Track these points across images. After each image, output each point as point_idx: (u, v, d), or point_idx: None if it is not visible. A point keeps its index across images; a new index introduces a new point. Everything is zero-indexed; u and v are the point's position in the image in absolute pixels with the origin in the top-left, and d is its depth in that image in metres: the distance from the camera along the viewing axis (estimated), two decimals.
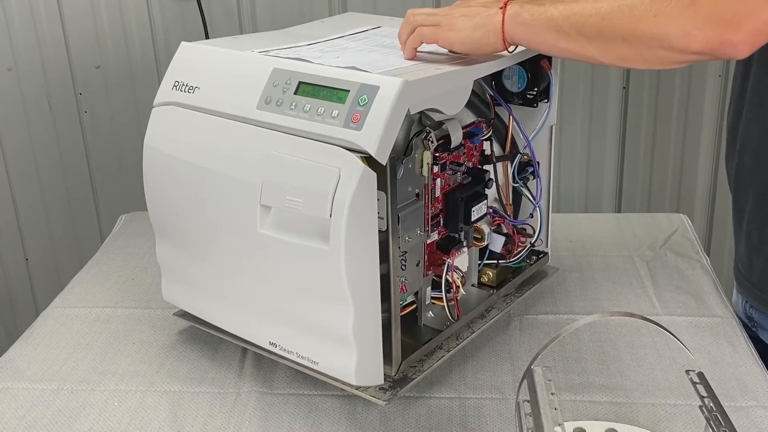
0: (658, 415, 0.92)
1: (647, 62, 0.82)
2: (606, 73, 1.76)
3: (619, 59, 0.83)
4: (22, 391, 0.99)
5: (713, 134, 1.80)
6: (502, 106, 1.03)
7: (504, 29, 0.87)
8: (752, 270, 1.02)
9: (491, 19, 0.88)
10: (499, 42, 0.88)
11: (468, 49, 0.91)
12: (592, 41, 0.82)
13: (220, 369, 1.02)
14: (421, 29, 0.91)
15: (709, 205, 1.87)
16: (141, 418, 0.94)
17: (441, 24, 0.91)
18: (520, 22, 0.86)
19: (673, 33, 0.76)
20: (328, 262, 0.81)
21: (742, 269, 1.05)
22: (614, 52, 0.82)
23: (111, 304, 1.17)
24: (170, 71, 0.97)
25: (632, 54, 0.81)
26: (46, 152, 1.89)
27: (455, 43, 0.91)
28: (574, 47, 0.84)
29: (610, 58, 0.83)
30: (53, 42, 1.79)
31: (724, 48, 0.75)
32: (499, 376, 0.99)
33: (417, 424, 0.92)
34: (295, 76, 0.87)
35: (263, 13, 1.76)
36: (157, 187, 0.99)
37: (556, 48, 0.87)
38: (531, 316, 1.11)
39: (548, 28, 0.85)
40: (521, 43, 0.89)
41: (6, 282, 2.02)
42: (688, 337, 1.05)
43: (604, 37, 0.81)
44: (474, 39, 0.89)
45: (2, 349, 1.09)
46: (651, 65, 0.82)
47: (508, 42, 0.88)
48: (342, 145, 0.80)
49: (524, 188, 1.07)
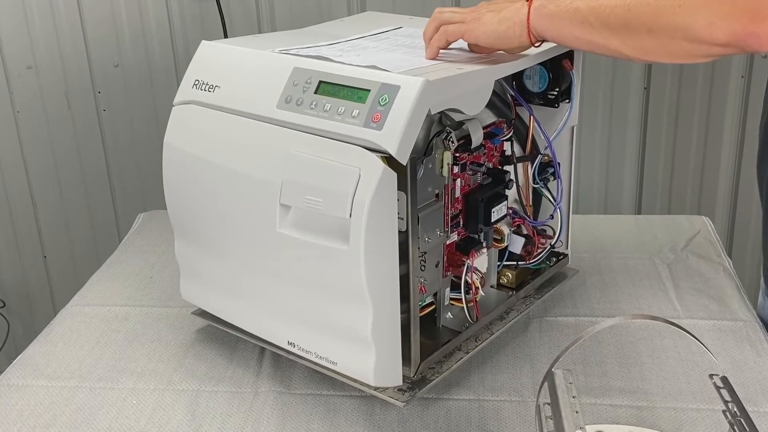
0: (680, 419, 0.91)
1: (671, 55, 0.81)
2: (627, 73, 1.76)
3: (642, 52, 0.83)
4: (41, 388, 0.99)
5: (735, 135, 1.79)
6: (523, 107, 1.03)
7: (530, 21, 0.87)
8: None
9: (517, 12, 0.88)
10: (524, 35, 0.88)
11: (493, 42, 0.90)
12: (616, 33, 0.82)
13: (238, 368, 1.02)
14: (446, 27, 0.91)
15: (730, 207, 1.85)
16: (159, 417, 0.94)
17: (466, 20, 0.91)
18: (545, 14, 0.86)
19: (698, 24, 0.76)
20: (348, 263, 0.81)
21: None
22: (638, 44, 0.82)
23: (129, 302, 1.18)
24: (190, 70, 0.98)
25: (656, 46, 0.81)
26: (65, 150, 1.90)
27: (481, 37, 0.90)
28: (598, 39, 0.84)
29: (634, 50, 0.83)
30: (72, 40, 1.80)
31: (749, 40, 0.74)
32: (519, 379, 0.99)
33: (435, 426, 0.92)
34: (315, 75, 0.87)
35: (282, 12, 1.76)
36: (176, 185, 0.99)
37: (580, 40, 0.86)
38: (551, 318, 1.11)
39: (573, 19, 0.84)
40: (546, 36, 0.88)
41: (25, 280, 2.04)
42: (711, 341, 1.04)
43: (628, 29, 0.81)
44: (500, 32, 0.89)
45: (21, 347, 1.10)
46: (675, 59, 0.82)
47: (533, 35, 0.88)
48: (362, 144, 0.80)
49: (545, 189, 1.07)
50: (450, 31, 0.91)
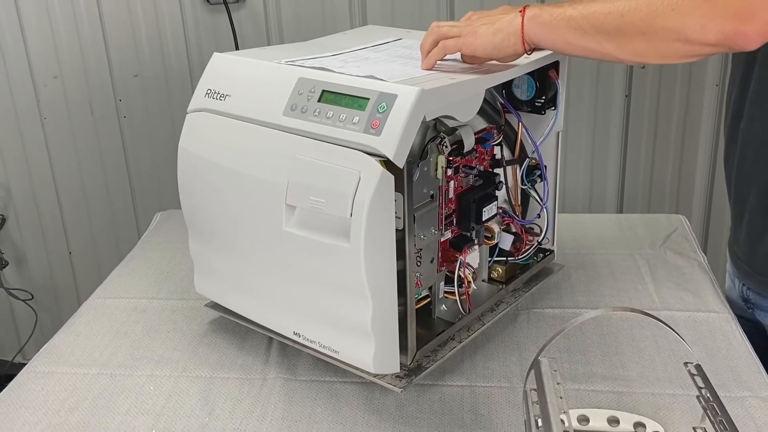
0: (657, 404, 0.91)
1: (663, 56, 0.81)
2: (610, 82, 1.75)
3: (635, 54, 0.82)
4: (65, 375, 0.99)
5: (710, 140, 1.78)
6: (512, 114, 1.03)
7: (524, 31, 0.86)
8: (755, 256, 1.02)
9: (511, 23, 0.87)
10: (519, 44, 0.87)
11: (490, 53, 0.89)
12: (610, 38, 0.82)
13: (247, 356, 1.02)
14: (445, 43, 0.90)
15: (706, 206, 1.85)
16: (174, 401, 0.94)
17: (462, 34, 0.90)
18: (539, 23, 0.86)
19: (690, 26, 0.76)
20: (349, 259, 0.81)
21: (742, 256, 1.05)
22: (631, 48, 0.81)
23: (147, 295, 1.18)
24: (203, 80, 0.98)
25: (649, 48, 0.80)
26: (88, 154, 1.90)
27: (477, 49, 0.89)
28: (592, 44, 0.83)
29: (627, 53, 0.82)
30: (95, 52, 1.81)
31: (739, 39, 0.75)
32: (508, 366, 0.99)
33: (430, 410, 0.92)
34: (318, 84, 0.87)
35: (289, 25, 1.76)
36: (190, 187, 0.99)
37: (573, 46, 0.86)
38: (538, 310, 1.11)
39: (567, 27, 0.84)
40: (540, 44, 0.88)
41: (51, 274, 2.04)
42: (686, 331, 1.04)
43: (622, 34, 0.80)
44: (495, 43, 0.88)
45: (47, 337, 1.10)
46: (666, 59, 0.82)
47: (527, 43, 0.87)
48: (362, 149, 0.80)
49: (532, 190, 1.07)
50: (449, 45, 0.91)
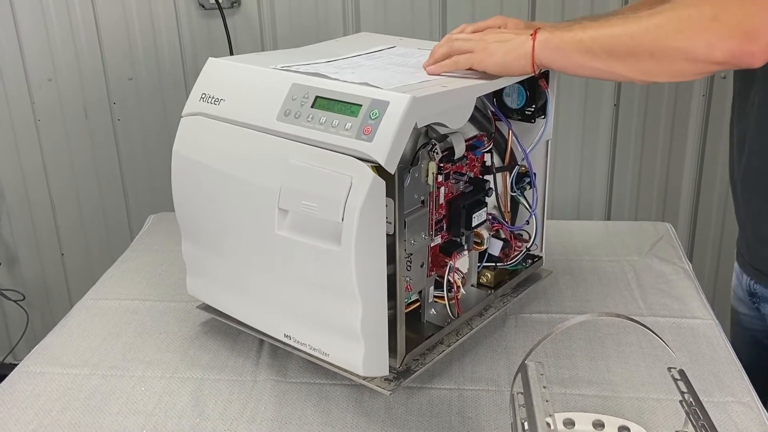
0: (641, 408, 0.92)
1: (672, 75, 0.83)
2: (598, 91, 1.76)
3: (645, 74, 0.84)
4: (57, 375, 0.99)
5: (697, 150, 1.80)
6: (503, 121, 1.03)
7: (534, 55, 0.88)
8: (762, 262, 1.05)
9: (522, 45, 0.89)
10: (528, 66, 0.89)
11: (500, 71, 0.92)
12: (620, 60, 0.83)
13: (238, 358, 1.02)
14: (458, 59, 0.92)
15: (691, 215, 1.86)
16: (165, 402, 0.94)
17: (475, 50, 0.91)
18: (551, 47, 0.87)
19: (698, 46, 0.78)
20: (340, 263, 0.81)
21: (749, 259, 1.07)
22: (641, 68, 0.83)
23: (139, 297, 1.18)
24: (198, 84, 0.98)
25: (658, 68, 0.82)
26: (82, 157, 1.90)
27: (489, 67, 0.91)
28: (602, 66, 0.85)
29: (637, 73, 0.84)
30: (90, 55, 1.80)
31: (745, 57, 0.77)
32: (495, 370, 0.99)
33: (419, 412, 0.92)
34: (312, 90, 0.87)
35: (283, 30, 1.76)
36: (184, 190, 0.99)
37: (584, 68, 0.87)
38: (525, 315, 1.11)
39: (578, 50, 0.86)
40: (551, 66, 0.90)
41: (43, 275, 2.03)
42: (671, 337, 1.05)
43: (632, 55, 0.82)
44: (506, 63, 0.90)
45: (39, 337, 1.10)
46: (674, 78, 0.84)
47: (536, 65, 0.89)
48: (354, 155, 0.81)
49: (521, 197, 1.07)
50: (461, 62, 0.92)
